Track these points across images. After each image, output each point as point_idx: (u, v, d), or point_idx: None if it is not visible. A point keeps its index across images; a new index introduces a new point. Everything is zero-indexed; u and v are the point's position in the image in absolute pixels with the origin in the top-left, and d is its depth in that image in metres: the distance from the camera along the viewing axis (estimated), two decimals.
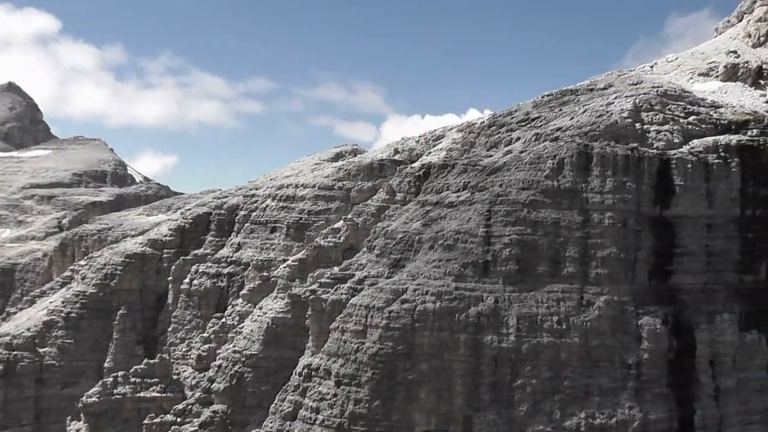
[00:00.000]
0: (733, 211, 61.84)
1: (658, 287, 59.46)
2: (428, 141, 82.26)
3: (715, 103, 67.81)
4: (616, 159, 59.29)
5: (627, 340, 57.01)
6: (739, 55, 77.89)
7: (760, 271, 62.41)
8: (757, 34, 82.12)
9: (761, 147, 63.62)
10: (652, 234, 59.46)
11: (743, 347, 59.78)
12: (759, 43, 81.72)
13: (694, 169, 60.73)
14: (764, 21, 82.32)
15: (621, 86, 69.35)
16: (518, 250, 57.36)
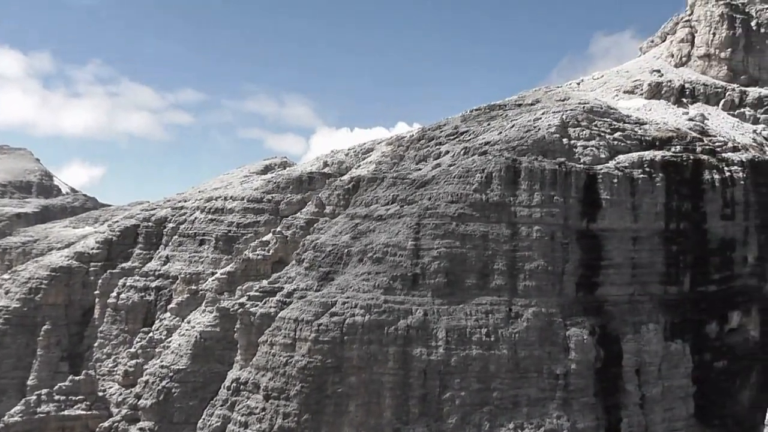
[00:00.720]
0: (657, 225, 63.40)
1: (585, 299, 60.52)
2: (357, 154, 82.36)
3: (639, 119, 69.49)
4: (543, 173, 60.25)
5: (555, 351, 57.83)
6: (662, 74, 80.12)
7: (684, 283, 64.13)
8: (680, 55, 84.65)
9: (684, 163, 65.40)
10: (579, 247, 60.53)
11: (668, 356, 61.39)
12: (681, 63, 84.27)
13: (620, 184, 62.11)
14: (686, 42, 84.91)
15: (548, 102, 70.54)
16: (447, 263, 57.68)
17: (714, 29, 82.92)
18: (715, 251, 65.93)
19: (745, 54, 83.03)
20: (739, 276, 66.88)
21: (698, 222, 65.41)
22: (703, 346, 63.85)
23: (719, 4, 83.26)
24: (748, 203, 67.76)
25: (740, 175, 67.40)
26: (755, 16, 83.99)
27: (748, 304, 66.70)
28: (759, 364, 66.28)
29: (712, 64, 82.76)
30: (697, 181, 65.78)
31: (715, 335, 64.82)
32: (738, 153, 69.49)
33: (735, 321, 65.78)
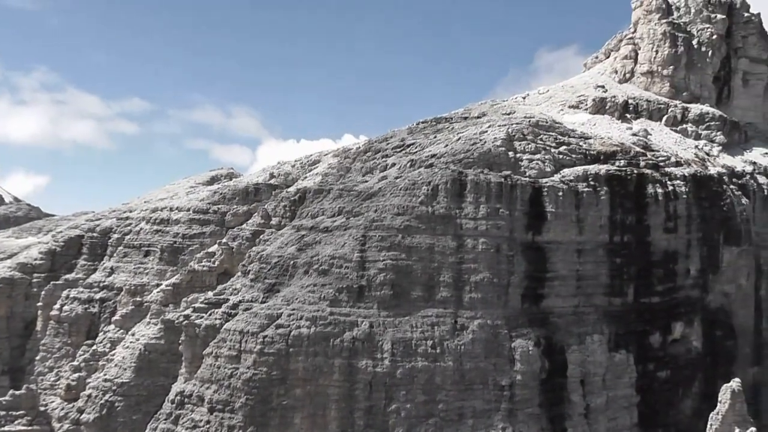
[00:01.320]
0: (602, 237, 64.25)
1: (530, 310, 61.00)
2: (304, 165, 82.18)
3: (584, 134, 70.33)
4: (489, 186, 60.62)
5: (500, 363, 58.16)
6: (606, 90, 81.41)
7: (628, 294, 65.08)
8: (623, 71, 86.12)
9: (628, 177, 66.45)
10: (525, 259, 60.96)
11: (612, 366, 62.22)
12: (625, 79, 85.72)
13: (565, 197, 62.80)
14: (630, 59, 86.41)
15: (495, 115, 71.10)
16: (393, 275, 57.65)
17: (657, 47, 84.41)
18: (659, 263, 67.04)
19: (686, 71, 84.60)
20: (682, 287, 68.12)
21: (642, 235, 66.44)
22: (647, 357, 64.92)
23: (662, 23, 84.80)
24: (690, 216, 69.06)
25: (683, 189, 68.70)
26: (696, 35, 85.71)
27: (691, 315, 68.05)
28: (701, 374, 67.71)
29: (654, 81, 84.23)
30: (641, 194, 66.84)
31: (659, 345, 65.92)
32: (680, 168, 70.82)
33: (678, 331, 67.00)
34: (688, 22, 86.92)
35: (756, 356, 73.43)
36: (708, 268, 69.90)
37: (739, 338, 71.82)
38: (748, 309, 73.01)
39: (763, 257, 75.59)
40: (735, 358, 70.97)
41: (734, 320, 71.72)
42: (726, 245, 71.25)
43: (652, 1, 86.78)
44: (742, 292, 72.55)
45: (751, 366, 72.62)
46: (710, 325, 69.46)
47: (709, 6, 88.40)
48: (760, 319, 74.25)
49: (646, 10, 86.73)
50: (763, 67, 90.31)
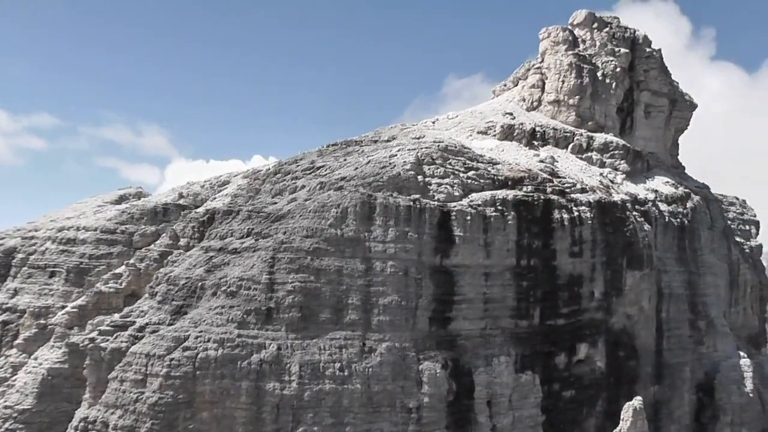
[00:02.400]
0: (509, 261, 65.38)
1: (438, 333, 61.61)
2: (213, 186, 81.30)
3: (493, 159, 71.53)
4: (398, 209, 61.22)
5: (408, 385, 58.53)
6: (514, 117, 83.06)
7: (534, 317, 66.33)
8: (531, 99, 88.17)
9: (535, 202, 67.85)
10: (433, 282, 61.62)
11: (518, 387, 63.26)
12: (532, 107, 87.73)
13: (473, 221, 63.77)
14: (537, 88, 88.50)
15: (404, 139, 71.75)
16: (301, 297, 57.60)
17: (563, 77, 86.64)
18: (564, 286, 68.54)
19: (591, 102, 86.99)
20: (587, 310, 69.69)
21: (548, 259, 67.84)
22: (552, 377, 66.22)
23: (568, 54, 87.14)
24: (595, 241, 70.76)
25: (588, 214, 70.41)
26: (601, 67, 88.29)
27: (595, 336, 69.66)
28: (604, 393, 69.39)
29: (561, 110, 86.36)
30: (548, 219, 68.27)
31: (564, 366, 67.27)
32: (586, 194, 72.53)
33: (582, 352, 68.52)
34: (593, 54, 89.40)
35: (656, 375, 75.59)
36: (612, 291, 71.74)
37: (641, 358, 73.88)
38: (649, 330, 75.19)
39: (664, 281, 77.98)
40: (637, 377, 72.98)
41: (636, 341, 73.75)
42: (629, 269, 73.23)
43: (559, 33, 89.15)
44: (644, 314, 74.70)
45: (652, 384, 74.82)
46: (614, 346, 71.23)
47: (614, 40, 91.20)
48: (660, 339, 76.51)
49: (553, 41, 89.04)
50: (664, 100, 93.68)
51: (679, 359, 77.87)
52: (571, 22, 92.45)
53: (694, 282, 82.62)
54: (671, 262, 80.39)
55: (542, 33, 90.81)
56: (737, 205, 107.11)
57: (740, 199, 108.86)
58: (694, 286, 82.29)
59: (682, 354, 78.34)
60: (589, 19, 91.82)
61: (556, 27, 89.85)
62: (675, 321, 78.65)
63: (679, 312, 79.15)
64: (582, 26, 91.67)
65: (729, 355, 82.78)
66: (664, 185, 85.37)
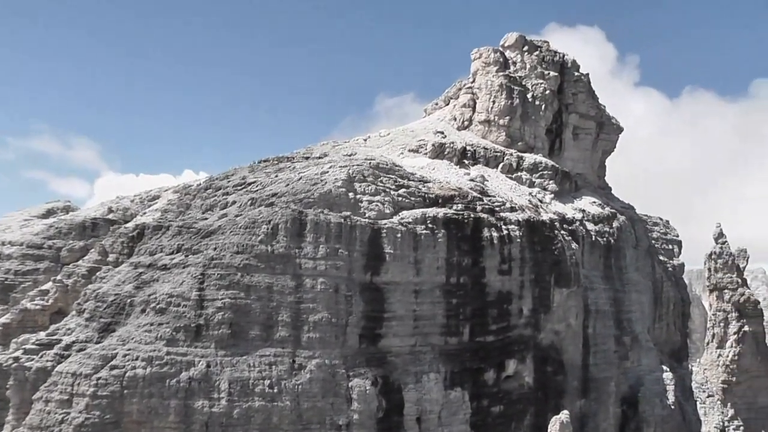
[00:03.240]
0: (438, 279, 65.97)
1: (368, 350, 61.79)
2: (143, 201, 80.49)
3: (423, 178, 72.14)
4: (329, 226, 61.43)
5: (338, 402, 58.61)
6: (445, 136, 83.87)
7: (464, 333, 66.92)
8: (462, 119, 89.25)
9: (465, 220, 68.63)
10: (363, 299, 61.88)
11: (448, 404, 63.81)
12: (463, 127, 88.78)
13: (403, 239, 64.28)
14: (468, 107, 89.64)
15: (336, 156, 71.90)
16: (231, 314, 57.31)
17: (494, 98, 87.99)
18: (493, 304, 69.37)
19: (521, 123, 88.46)
20: (515, 327, 70.67)
21: (477, 276, 68.63)
22: (482, 393, 66.87)
23: (499, 75, 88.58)
24: (523, 259, 71.89)
25: (517, 233, 71.51)
26: (531, 89, 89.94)
27: (524, 352, 70.72)
28: (532, 408, 70.45)
29: (491, 130, 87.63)
30: (477, 237, 69.12)
31: (493, 382, 68.05)
32: (515, 213, 73.66)
33: (511, 368, 69.45)
34: (523, 76, 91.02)
35: (583, 389, 77.06)
36: (540, 308, 72.94)
37: (568, 373, 75.27)
38: (576, 346, 76.64)
39: (590, 298, 79.62)
40: (564, 391, 74.30)
41: (564, 356, 75.08)
42: (557, 287, 74.59)
43: (491, 54, 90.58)
44: (571, 330, 76.11)
45: (578, 398, 76.28)
46: (541, 362, 72.44)
47: (543, 63, 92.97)
48: (587, 355, 78.05)
49: (484, 62, 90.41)
50: (591, 123, 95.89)
51: (604, 374, 79.52)
52: (502, 44, 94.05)
53: (620, 299, 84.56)
54: (598, 280, 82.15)
55: (474, 54, 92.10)
56: (661, 226, 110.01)
57: (664, 220, 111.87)
58: (619, 303, 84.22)
59: (608, 368, 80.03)
60: (519, 41, 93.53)
61: (488, 48, 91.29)
62: (601, 337, 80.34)
63: (605, 328, 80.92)
64: (513, 48, 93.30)
65: (652, 369, 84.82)
66: (592, 205, 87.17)
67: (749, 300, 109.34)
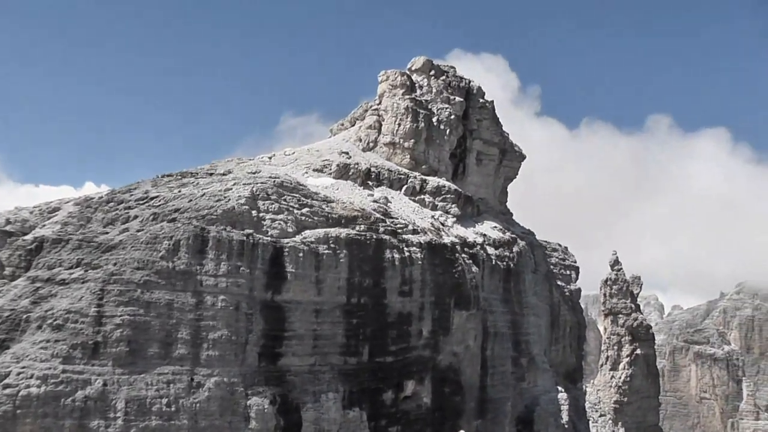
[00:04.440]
0: (339, 299, 66.51)
1: (267, 368, 61.73)
2: (43, 212, 77.94)
3: (327, 197, 72.54)
4: (231, 243, 61.40)
5: (236, 421, 58.41)
6: (350, 156, 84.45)
7: (363, 354, 67.49)
8: (367, 140, 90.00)
9: (367, 241, 69.35)
10: (263, 317, 61.91)
11: (346, 423, 64.26)
12: (369, 148, 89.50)
13: (305, 258, 64.63)
14: (374, 129, 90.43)
15: (240, 173, 71.64)
16: (130, 331, 56.59)
17: (399, 120, 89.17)
18: (393, 325, 70.19)
19: (426, 146, 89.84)
20: (415, 348, 71.64)
21: (378, 297, 69.40)
22: (380, 413, 67.58)
23: (405, 98, 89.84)
24: (424, 281, 73.00)
25: (418, 255, 72.62)
26: (436, 113, 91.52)
27: (422, 373, 71.70)
28: (430, 428, 71.37)
29: (396, 152, 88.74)
30: (379, 258, 69.96)
31: (391, 402, 68.83)
32: (417, 235, 74.76)
33: (409, 389, 70.37)
34: (429, 100, 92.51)
35: (480, 410, 78.55)
36: (439, 329, 74.11)
37: (466, 394, 76.63)
38: (474, 367, 78.12)
39: (490, 320, 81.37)
40: (462, 412, 75.58)
41: (462, 378, 76.44)
42: (456, 309, 75.97)
43: (398, 77, 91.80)
44: (470, 352, 77.59)
45: (475, 419, 77.66)
46: (440, 383, 73.62)
47: (449, 88, 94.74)
48: (485, 376, 79.67)
49: (391, 84, 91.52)
50: (495, 149, 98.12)
51: (501, 394, 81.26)
52: (409, 67, 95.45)
53: (518, 322, 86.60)
54: (497, 303, 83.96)
55: (381, 76, 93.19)
56: (559, 251, 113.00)
57: (562, 246, 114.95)
58: (517, 326, 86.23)
59: (505, 389, 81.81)
60: (427, 66, 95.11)
61: (395, 71, 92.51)
62: (499, 358, 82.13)
63: (503, 350, 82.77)
64: (420, 72, 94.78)
65: (548, 389, 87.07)
66: (493, 230, 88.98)
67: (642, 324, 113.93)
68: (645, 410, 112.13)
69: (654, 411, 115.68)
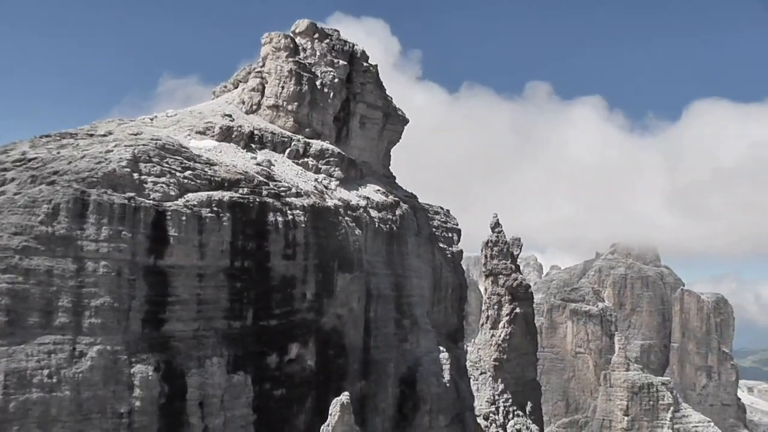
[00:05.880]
0: (223, 263, 65.84)
1: (151, 335, 60.75)
2: None
3: (210, 160, 71.37)
4: (112, 208, 59.67)
5: (119, 390, 57.40)
6: (233, 119, 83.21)
7: (247, 318, 67.23)
8: (251, 102, 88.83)
9: (251, 204, 68.81)
10: (146, 283, 60.73)
11: (230, 388, 64.08)
12: (252, 111, 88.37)
13: (188, 222, 63.57)
14: (257, 91, 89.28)
15: (121, 135, 69.39)
16: (9, 300, 54.43)
17: (283, 83, 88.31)
18: (277, 288, 70.09)
19: (310, 109, 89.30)
20: (299, 311, 71.84)
21: (262, 261, 69.08)
22: (264, 377, 67.57)
23: (289, 61, 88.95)
24: (307, 245, 73.12)
25: (302, 218, 72.62)
26: (320, 77, 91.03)
27: (306, 336, 72.02)
28: (314, 391, 71.88)
29: (280, 115, 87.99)
30: (262, 222, 69.55)
31: (275, 366, 68.90)
32: (300, 198, 74.66)
33: (294, 352, 70.55)
34: (313, 63, 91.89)
35: (363, 371, 79.67)
36: (323, 292, 74.51)
37: (350, 356, 77.50)
38: (358, 330, 79.04)
39: (373, 283, 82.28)
40: (345, 374, 76.46)
41: (346, 340, 77.20)
42: (340, 272, 76.44)
43: (281, 40, 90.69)
44: (353, 314, 78.39)
45: (359, 380, 78.74)
46: (324, 345, 74.14)
47: (333, 52, 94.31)
48: (368, 338, 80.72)
49: (275, 47, 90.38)
50: (378, 113, 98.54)
51: (384, 355, 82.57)
52: (293, 30, 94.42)
53: (401, 284, 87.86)
54: (380, 266, 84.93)
55: (265, 38, 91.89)
56: (441, 214, 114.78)
57: (444, 209, 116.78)
58: (400, 288, 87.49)
59: (388, 351, 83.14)
60: (311, 29, 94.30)
61: (279, 33, 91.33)
62: (382, 320, 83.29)
63: (386, 312, 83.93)
64: (304, 35, 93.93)
65: (430, 350, 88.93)
66: (376, 193, 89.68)
67: (521, 284, 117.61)
68: (524, 366, 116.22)
69: (532, 367, 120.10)
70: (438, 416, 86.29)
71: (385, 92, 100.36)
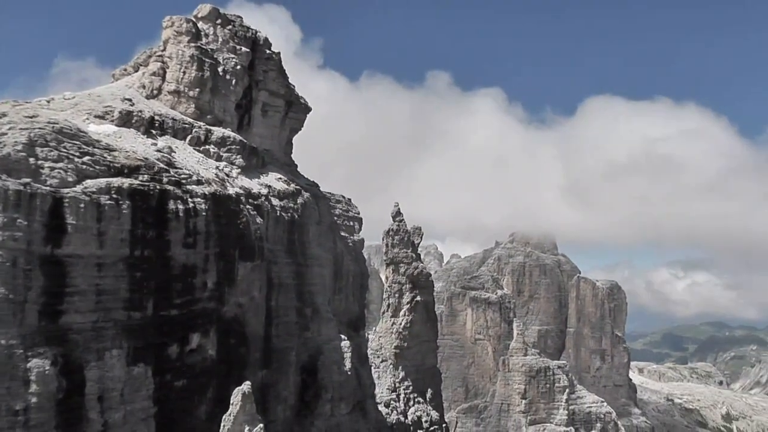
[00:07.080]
0: (122, 252, 64.12)
1: (48, 328, 58.52)
2: None
3: (109, 146, 69.26)
4: (7, 194, 57.02)
5: (15, 386, 55.07)
6: (134, 104, 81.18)
7: (147, 308, 65.75)
8: (151, 87, 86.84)
9: (151, 192, 67.20)
10: (43, 273, 58.42)
11: (130, 380, 62.73)
12: (152, 95, 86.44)
13: (86, 209, 61.51)
14: (158, 76, 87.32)
15: (16, 117, 66.34)
16: None
17: (184, 68, 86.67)
18: (178, 277, 68.88)
19: (212, 96, 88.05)
20: (200, 300, 70.90)
21: (162, 249, 67.73)
22: (165, 368, 66.43)
23: (190, 46, 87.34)
24: (209, 233, 72.15)
25: (203, 206, 71.52)
26: (222, 63, 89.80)
27: (207, 326, 71.22)
28: (215, 380, 71.25)
29: (181, 101, 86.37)
30: (163, 210, 68.10)
31: (176, 356, 67.83)
32: (202, 186, 73.53)
33: (195, 342, 69.70)
34: (215, 49, 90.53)
35: (265, 360, 79.47)
36: (224, 281, 73.77)
37: (251, 345, 77.14)
38: (259, 318, 78.66)
39: (274, 271, 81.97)
40: (247, 363, 76.07)
41: (247, 329, 76.74)
42: (241, 260, 75.86)
43: (183, 24, 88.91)
44: (255, 303, 77.96)
45: (260, 369, 78.64)
46: (225, 335, 73.51)
47: (235, 38, 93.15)
48: (270, 327, 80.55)
49: (176, 31, 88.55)
50: (281, 101, 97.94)
51: (286, 344, 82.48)
52: (195, 14, 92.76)
53: (302, 273, 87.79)
54: (281, 254, 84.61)
55: (166, 21, 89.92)
56: (343, 203, 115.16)
57: (346, 198, 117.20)
58: (301, 277, 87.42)
59: (289, 339, 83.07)
60: (213, 14, 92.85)
61: (180, 17, 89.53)
62: (283, 309, 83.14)
63: (287, 300, 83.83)
64: (206, 20, 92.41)
65: (331, 338, 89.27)
66: (278, 181, 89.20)
67: (422, 273, 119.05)
68: (424, 353, 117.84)
69: (432, 354, 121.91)
70: (339, 404, 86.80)
71: (287, 80, 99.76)
